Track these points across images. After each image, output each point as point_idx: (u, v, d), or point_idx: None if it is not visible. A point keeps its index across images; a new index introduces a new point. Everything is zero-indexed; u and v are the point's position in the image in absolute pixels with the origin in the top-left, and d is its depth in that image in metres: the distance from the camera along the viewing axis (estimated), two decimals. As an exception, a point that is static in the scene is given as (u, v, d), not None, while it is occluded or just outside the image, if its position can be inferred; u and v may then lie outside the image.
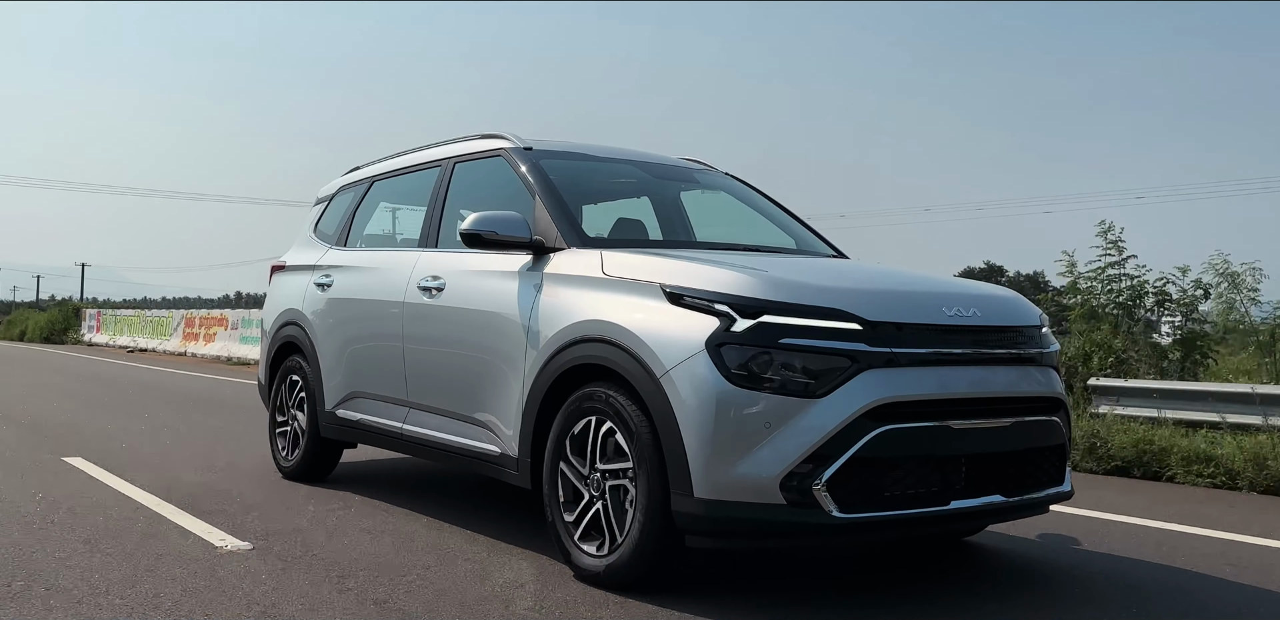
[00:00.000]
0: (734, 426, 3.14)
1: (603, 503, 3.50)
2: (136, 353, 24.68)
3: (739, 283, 3.33)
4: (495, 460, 4.05)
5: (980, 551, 4.22)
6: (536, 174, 4.33)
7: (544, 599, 3.33)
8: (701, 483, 3.15)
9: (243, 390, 12.12)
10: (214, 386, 13.29)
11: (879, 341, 3.23)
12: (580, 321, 3.65)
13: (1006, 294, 3.88)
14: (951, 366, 3.39)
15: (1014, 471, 3.51)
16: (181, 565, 3.65)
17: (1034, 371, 3.65)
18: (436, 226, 4.82)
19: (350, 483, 5.53)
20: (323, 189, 6.28)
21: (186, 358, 22.01)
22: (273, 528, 4.32)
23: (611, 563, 3.40)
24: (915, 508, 3.24)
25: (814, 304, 3.26)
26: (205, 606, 3.16)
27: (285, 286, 5.97)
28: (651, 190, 5.14)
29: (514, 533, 4.29)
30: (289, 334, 5.74)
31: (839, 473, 3.10)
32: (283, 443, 5.77)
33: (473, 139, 4.91)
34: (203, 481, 5.49)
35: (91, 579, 3.45)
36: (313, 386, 5.42)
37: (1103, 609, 3.38)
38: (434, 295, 4.49)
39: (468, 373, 4.25)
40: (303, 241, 6.13)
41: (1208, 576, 3.89)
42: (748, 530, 3.18)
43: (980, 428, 3.38)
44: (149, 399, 10.96)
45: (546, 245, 4.02)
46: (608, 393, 3.48)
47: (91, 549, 3.87)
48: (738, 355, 3.18)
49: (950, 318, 3.44)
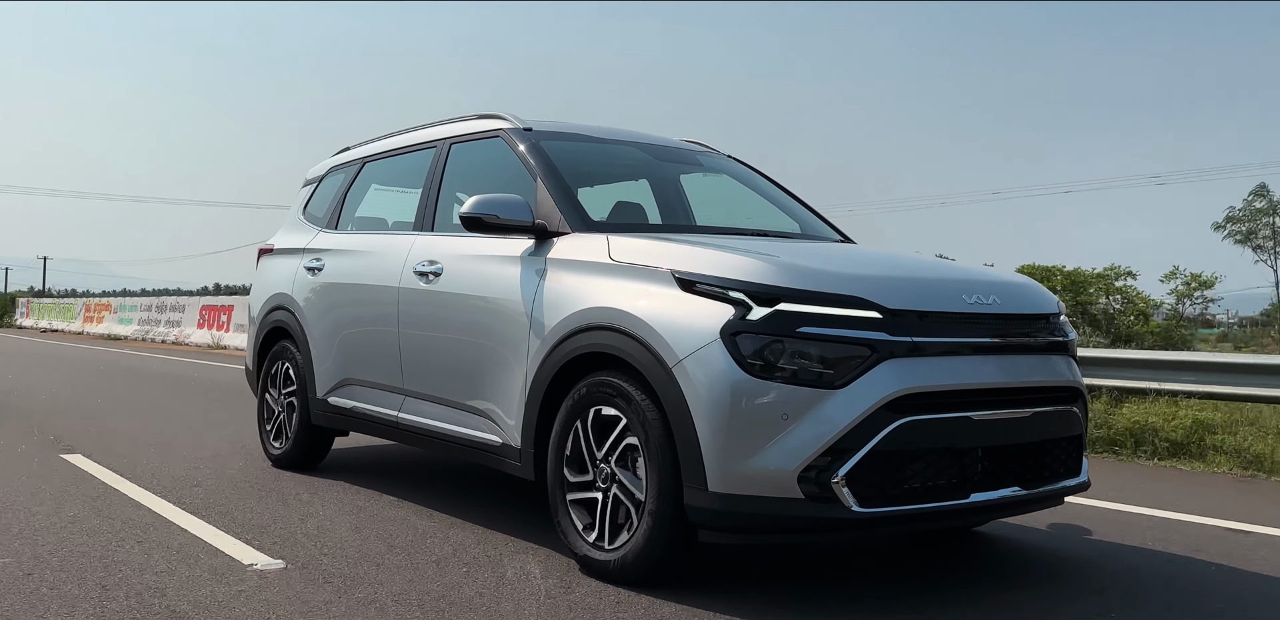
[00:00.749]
0: (750, 418, 3.03)
1: (611, 496, 3.39)
2: (49, 332, 30.85)
3: (754, 269, 3.22)
4: (496, 450, 3.93)
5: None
6: (538, 155, 4.19)
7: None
8: (716, 476, 3.04)
9: (107, 356, 17.39)
10: (90, 353, 18.56)
11: (899, 330, 3.13)
12: (587, 308, 3.52)
13: (1025, 281, 3.78)
14: (972, 356, 3.29)
15: (1032, 463, 3.42)
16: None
17: (1054, 360, 3.56)
18: (432, 209, 4.67)
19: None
20: (312, 170, 6.11)
21: (83, 335, 28.18)
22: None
23: (621, 557, 3.30)
24: (935, 501, 3.15)
25: (832, 291, 3.14)
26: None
27: (273, 270, 5.82)
28: (652, 173, 5.01)
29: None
30: (278, 319, 5.59)
31: (858, 466, 3.00)
32: (272, 430, 5.63)
33: (470, 119, 4.76)
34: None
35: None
36: (303, 373, 5.28)
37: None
38: (431, 280, 4.36)
39: (467, 360, 4.12)
40: (291, 224, 5.97)
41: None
42: (764, 525, 3.08)
43: (1001, 419, 3.29)
44: (41, 361, 15.46)
45: (550, 229, 3.89)
46: (616, 382, 3.36)
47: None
48: (753, 344, 3.07)
49: (971, 305, 3.34)
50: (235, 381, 10.82)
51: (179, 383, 11.63)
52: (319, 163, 6.08)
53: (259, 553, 3.66)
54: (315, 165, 6.10)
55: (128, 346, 21.72)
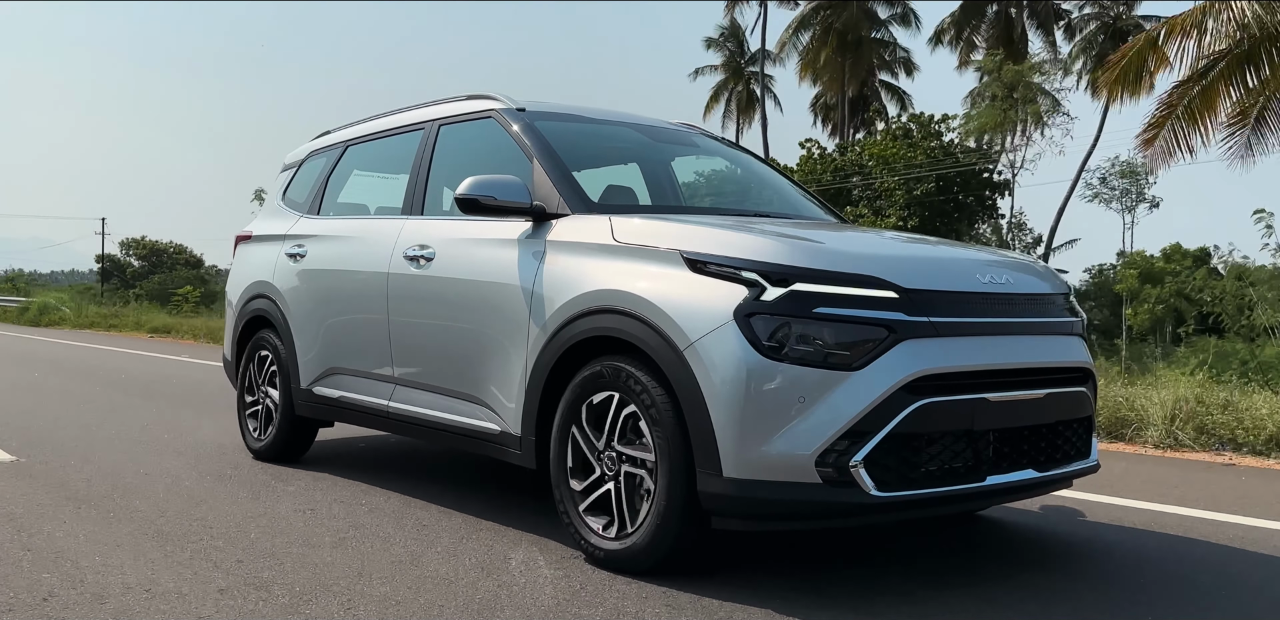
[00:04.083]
0: (766, 401, 2.95)
1: (619, 483, 3.30)
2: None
3: (767, 248, 3.14)
4: (495, 438, 3.82)
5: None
6: (533, 136, 4.07)
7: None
8: (731, 461, 2.96)
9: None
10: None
11: (916, 310, 3.06)
12: (591, 291, 3.43)
13: (1033, 261, 3.74)
14: (987, 336, 3.23)
15: (1045, 445, 3.38)
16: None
17: (1066, 340, 3.52)
18: (422, 193, 4.54)
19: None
20: (290, 155, 5.95)
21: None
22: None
23: (630, 546, 3.21)
24: (952, 485, 3.09)
25: (848, 271, 3.07)
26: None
27: (253, 257, 5.66)
28: (643, 155, 4.91)
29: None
30: (258, 307, 5.43)
31: (876, 449, 2.94)
32: (253, 422, 5.48)
33: (459, 100, 4.63)
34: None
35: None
36: (286, 363, 5.13)
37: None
38: (422, 265, 4.24)
39: (462, 347, 4.01)
40: (270, 210, 5.81)
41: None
42: (780, 511, 3.01)
43: (1017, 400, 3.24)
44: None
45: (548, 211, 3.78)
46: (623, 366, 3.27)
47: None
48: (768, 326, 2.99)
49: (985, 285, 3.28)
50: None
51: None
52: (298, 147, 5.93)
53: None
54: (294, 149, 5.94)
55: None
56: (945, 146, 29.86)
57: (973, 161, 29.99)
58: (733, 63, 41.89)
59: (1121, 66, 13.24)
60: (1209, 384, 7.07)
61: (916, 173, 28.40)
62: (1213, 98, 12.66)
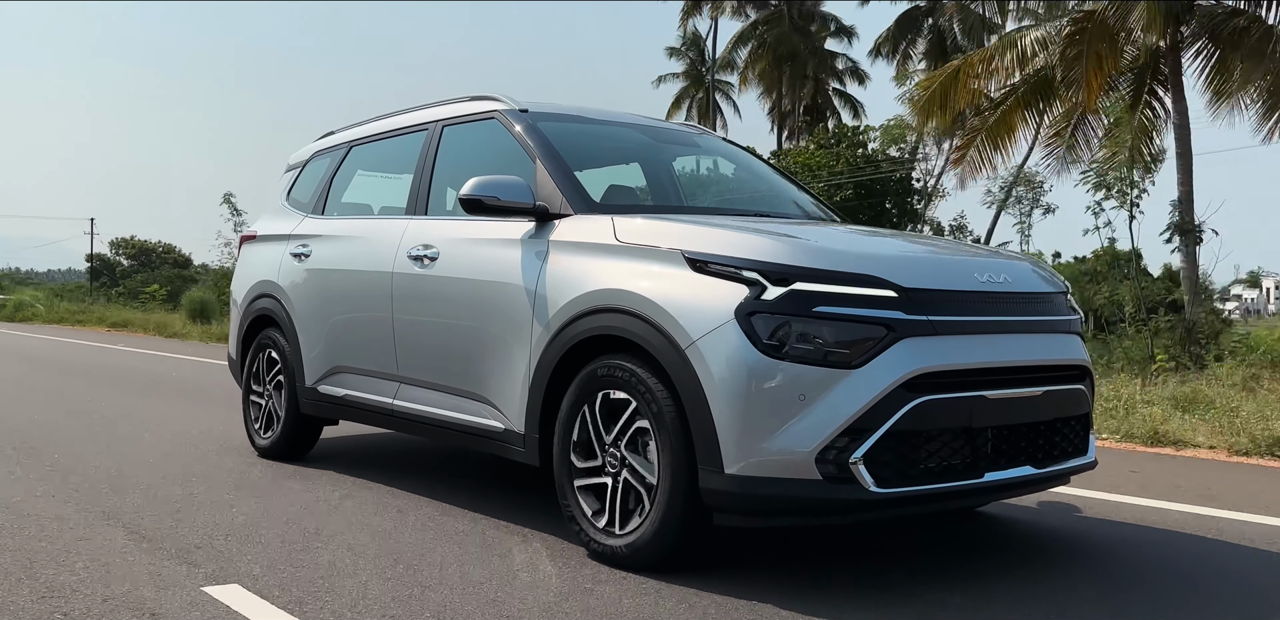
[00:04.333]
0: (767, 399, 2.99)
1: (622, 480, 3.35)
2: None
3: (767, 248, 3.18)
4: (498, 436, 3.87)
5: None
6: (536, 137, 4.11)
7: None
8: (732, 458, 3.01)
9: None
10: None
11: (915, 309, 3.10)
12: (594, 291, 3.47)
13: (1030, 260, 3.79)
14: (986, 334, 3.27)
15: (1043, 442, 3.42)
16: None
17: (1063, 338, 3.56)
18: (425, 193, 4.58)
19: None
20: (294, 155, 5.99)
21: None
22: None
23: (633, 542, 3.26)
24: (951, 481, 3.13)
25: (847, 270, 3.11)
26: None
27: (257, 257, 5.70)
28: (647, 156, 4.95)
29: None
30: (263, 307, 5.47)
31: (876, 446, 2.98)
32: (258, 420, 5.53)
33: (462, 101, 4.67)
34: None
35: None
36: (291, 361, 5.18)
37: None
38: (426, 264, 4.28)
39: (466, 345, 4.05)
40: (275, 210, 5.85)
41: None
42: (781, 507, 3.05)
43: (1015, 397, 3.28)
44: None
45: (551, 211, 3.82)
46: (626, 365, 3.31)
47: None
48: (769, 324, 3.03)
49: (983, 284, 3.32)
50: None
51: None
52: (302, 147, 5.97)
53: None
54: (298, 150, 5.98)
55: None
56: (868, 155, 31.04)
57: (891, 170, 31.06)
58: (693, 71, 42.29)
59: (930, 93, 14.78)
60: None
61: (838, 180, 29.34)
62: (1011, 123, 14.73)
